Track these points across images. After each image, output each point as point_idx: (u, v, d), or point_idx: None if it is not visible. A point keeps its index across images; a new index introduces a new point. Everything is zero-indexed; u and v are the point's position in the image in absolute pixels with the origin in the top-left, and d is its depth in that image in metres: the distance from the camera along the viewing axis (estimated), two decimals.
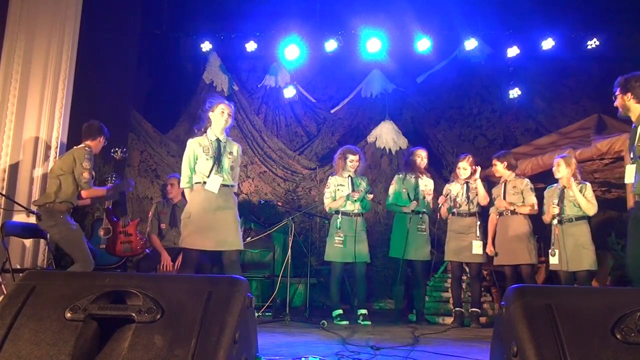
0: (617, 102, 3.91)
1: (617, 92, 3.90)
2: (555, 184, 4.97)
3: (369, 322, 5.07)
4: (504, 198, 5.15)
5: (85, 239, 4.50)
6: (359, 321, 5.10)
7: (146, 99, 8.07)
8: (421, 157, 5.53)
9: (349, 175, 5.34)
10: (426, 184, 5.52)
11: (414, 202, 5.33)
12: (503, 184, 5.25)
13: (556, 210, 4.78)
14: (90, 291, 1.72)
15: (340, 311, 5.20)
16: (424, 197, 5.46)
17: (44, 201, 4.37)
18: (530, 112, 8.08)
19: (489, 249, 5.21)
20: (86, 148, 4.51)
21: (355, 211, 5.29)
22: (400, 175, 5.58)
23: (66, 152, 4.72)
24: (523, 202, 5.10)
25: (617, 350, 1.54)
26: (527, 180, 5.27)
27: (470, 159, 5.38)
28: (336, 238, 5.18)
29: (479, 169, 5.27)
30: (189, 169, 4.08)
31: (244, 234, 6.76)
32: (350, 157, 5.30)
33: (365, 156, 5.59)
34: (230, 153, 4.18)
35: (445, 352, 3.46)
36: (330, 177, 5.47)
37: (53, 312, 1.66)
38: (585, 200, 4.73)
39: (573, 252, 4.70)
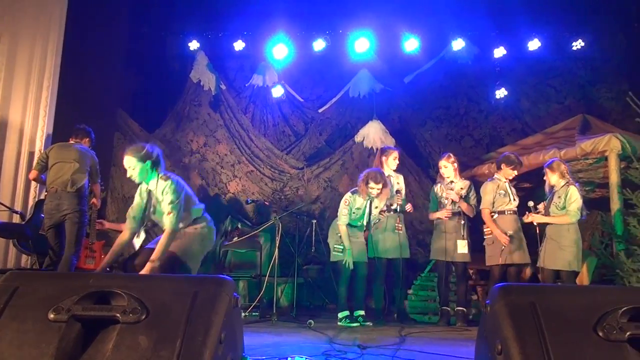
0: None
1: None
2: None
3: (370, 323, 5.05)
4: (514, 199, 5.16)
5: None
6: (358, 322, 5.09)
7: (133, 98, 8.01)
8: (395, 158, 5.56)
9: (369, 199, 5.19)
10: (398, 181, 5.54)
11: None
12: (506, 182, 5.19)
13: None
14: (73, 292, 1.70)
15: (362, 312, 5.11)
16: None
17: (79, 186, 4.76)
18: (517, 112, 8.14)
19: (505, 240, 4.98)
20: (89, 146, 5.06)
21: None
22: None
23: (80, 147, 4.93)
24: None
25: (599, 347, 1.56)
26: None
27: (452, 157, 5.40)
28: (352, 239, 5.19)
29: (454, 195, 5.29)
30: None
31: (231, 233, 6.76)
32: (372, 184, 5.02)
33: (390, 182, 5.30)
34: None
35: (432, 350, 3.48)
36: (350, 193, 5.23)
37: (36, 313, 1.65)
38: (558, 218, 4.80)
39: (551, 251, 4.76)
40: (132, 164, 3.74)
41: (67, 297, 1.68)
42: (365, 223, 5.23)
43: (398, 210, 5.38)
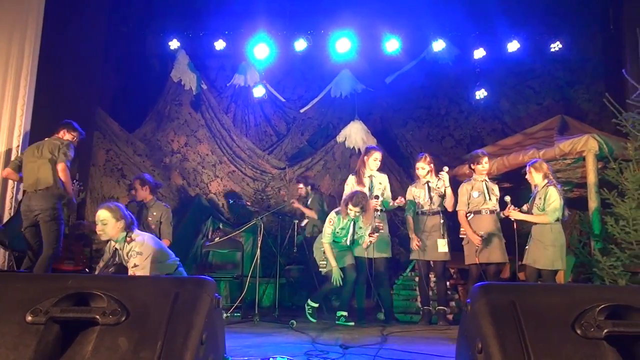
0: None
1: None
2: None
3: (352, 323, 5.11)
4: (489, 198, 5.18)
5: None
6: (340, 322, 5.15)
7: (112, 97, 7.92)
8: (377, 159, 5.51)
9: (353, 220, 5.24)
10: (380, 181, 5.53)
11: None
12: (484, 182, 5.21)
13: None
14: (52, 293, 1.67)
15: (344, 313, 5.21)
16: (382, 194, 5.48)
17: (46, 184, 4.63)
18: (496, 113, 8.23)
19: (477, 240, 5.03)
20: (68, 139, 4.92)
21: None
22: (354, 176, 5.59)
23: (50, 139, 4.86)
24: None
25: (577, 344, 1.58)
26: (497, 185, 5.36)
27: (428, 158, 5.41)
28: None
29: (446, 177, 5.24)
30: None
31: (212, 233, 6.73)
32: (350, 206, 5.09)
33: (367, 204, 5.25)
34: None
35: (413, 349, 3.50)
36: (334, 213, 5.29)
37: (13, 315, 1.61)
38: (537, 217, 4.87)
39: (535, 250, 4.84)
40: (106, 219, 3.79)
41: (45, 299, 1.65)
42: (349, 242, 5.27)
43: (380, 210, 5.40)
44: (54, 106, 5.65)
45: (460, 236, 5.24)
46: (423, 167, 5.38)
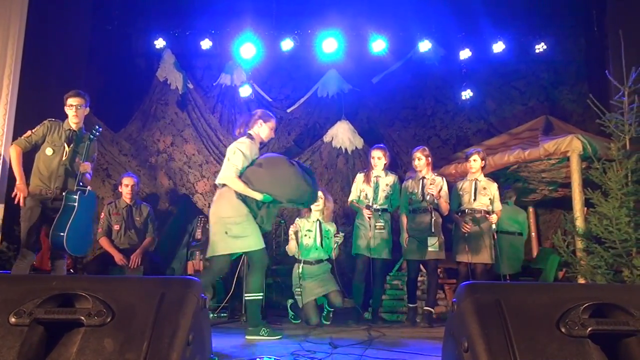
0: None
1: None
2: None
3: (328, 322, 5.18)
4: (474, 198, 5.21)
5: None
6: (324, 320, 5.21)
7: (97, 96, 7.80)
8: (374, 157, 5.50)
9: (317, 219, 5.29)
10: (387, 183, 5.48)
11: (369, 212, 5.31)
12: (473, 182, 5.28)
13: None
14: (36, 294, 1.66)
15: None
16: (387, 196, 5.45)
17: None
18: (482, 113, 8.28)
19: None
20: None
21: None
22: (362, 175, 5.59)
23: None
24: (491, 205, 5.22)
25: (562, 343, 1.60)
26: (496, 184, 5.38)
27: (426, 151, 5.38)
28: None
29: (444, 185, 5.25)
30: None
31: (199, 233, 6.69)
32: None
33: (332, 202, 5.48)
34: None
35: (400, 349, 3.51)
36: (297, 219, 5.43)
37: None
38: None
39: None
40: None
41: (29, 300, 1.63)
42: (317, 243, 5.24)
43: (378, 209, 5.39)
44: (37, 105, 5.59)
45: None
46: (419, 157, 5.33)
